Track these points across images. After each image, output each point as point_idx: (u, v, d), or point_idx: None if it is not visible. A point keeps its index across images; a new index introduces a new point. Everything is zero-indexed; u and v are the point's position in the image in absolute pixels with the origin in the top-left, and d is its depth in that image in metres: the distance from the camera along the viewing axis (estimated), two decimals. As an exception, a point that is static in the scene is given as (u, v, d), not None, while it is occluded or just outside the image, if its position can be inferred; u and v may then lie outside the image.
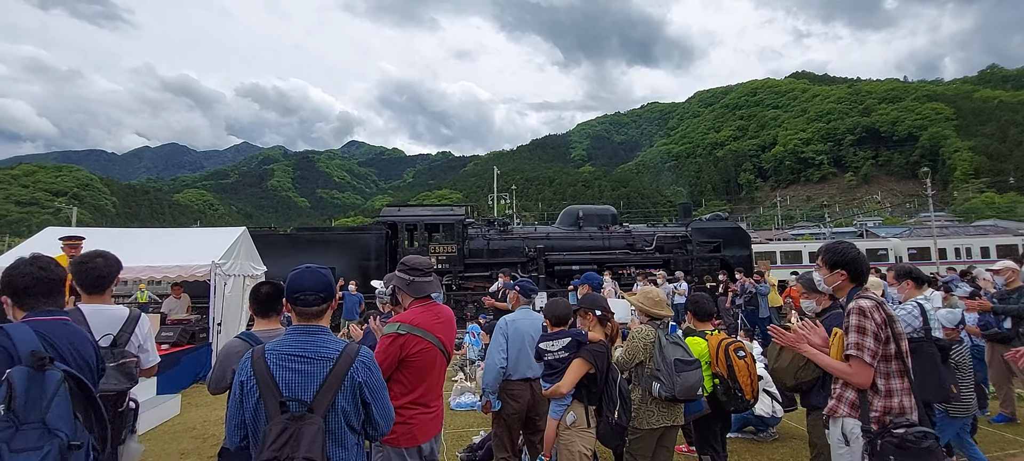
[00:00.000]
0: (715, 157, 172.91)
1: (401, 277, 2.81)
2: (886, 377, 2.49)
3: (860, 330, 2.49)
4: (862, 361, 2.46)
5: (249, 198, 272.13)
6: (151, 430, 5.91)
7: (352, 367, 1.99)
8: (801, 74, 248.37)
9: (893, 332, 2.52)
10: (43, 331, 2.02)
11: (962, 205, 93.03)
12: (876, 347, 2.47)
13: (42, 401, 1.87)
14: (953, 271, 11.49)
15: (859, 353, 2.47)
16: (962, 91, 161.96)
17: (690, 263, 17.11)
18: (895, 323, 2.55)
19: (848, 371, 2.52)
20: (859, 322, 2.50)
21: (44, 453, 1.81)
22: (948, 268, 12.53)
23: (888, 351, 2.50)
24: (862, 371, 2.48)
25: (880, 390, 2.49)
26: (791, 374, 3.46)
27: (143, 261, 8.35)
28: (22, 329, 1.97)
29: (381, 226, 15.99)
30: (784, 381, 3.58)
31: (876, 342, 2.47)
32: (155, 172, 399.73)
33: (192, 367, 8.34)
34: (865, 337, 2.47)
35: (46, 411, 1.86)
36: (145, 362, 2.75)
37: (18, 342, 1.91)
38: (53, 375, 1.94)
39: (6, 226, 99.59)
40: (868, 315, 2.50)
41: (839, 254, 2.75)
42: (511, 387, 3.62)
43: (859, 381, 2.49)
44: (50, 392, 1.89)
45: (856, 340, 2.49)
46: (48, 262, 2.19)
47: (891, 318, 2.54)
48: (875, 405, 2.46)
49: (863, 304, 2.54)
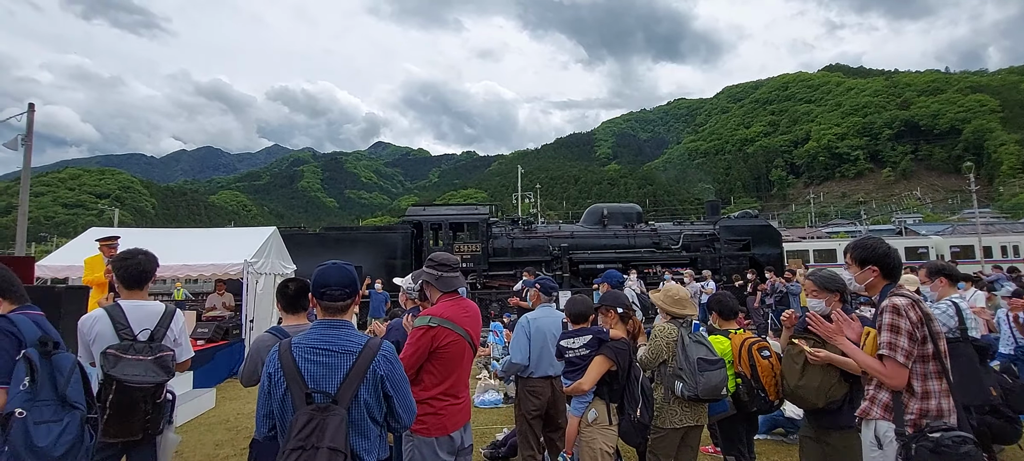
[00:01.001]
0: (745, 153, 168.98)
1: (430, 272, 2.88)
2: (923, 378, 2.38)
3: (894, 329, 2.38)
4: (895, 361, 2.36)
5: (280, 199, 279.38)
6: (188, 422, 6.15)
7: (374, 360, 2.04)
8: (835, 67, 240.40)
9: (930, 331, 2.41)
10: (38, 322, 2.26)
11: (1008, 201, 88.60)
12: (911, 347, 2.36)
13: (58, 380, 2.13)
14: (999, 270, 10.96)
15: (892, 353, 2.37)
16: (1008, 81, 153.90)
17: (718, 262, 16.78)
18: (932, 322, 2.43)
19: (882, 371, 2.41)
20: (893, 320, 2.39)
21: (64, 424, 2.07)
22: (994, 266, 11.96)
23: (925, 351, 2.39)
24: (896, 372, 2.37)
25: (916, 392, 2.38)
26: (822, 394, 2.96)
27: (180, 260, 8.68)
28: (23, 319, 2.20)
29: (407, 225, 16.21)
30: (813, 402, 3.01)
31: (911, 342, 2.36)
32: (191, 174, 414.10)
33: (226, 362, 8.63)
34: (899, 336, 2.37)
35: (66, 387, 2.12)
36: (180, 356, 2.87)
37: (23, 329, 2.14)
38: (67, 357, 2.23)
39: (53, 227, 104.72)
40: (903, 313, 2.39)
41: (868, 249, 2.65)
42: (532, 384, 3.64)
43: (893, 382, 2.39)
44: (67, 372, 2.16)
45: (889, 339, 2.38)
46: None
47: (928, 316, 2.43)
48: (911, 407, 2.36)
49: (897, 302, 2.44)
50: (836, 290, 3.10)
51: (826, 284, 3.12)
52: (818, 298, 3.18)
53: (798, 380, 3.06)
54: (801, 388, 3.04)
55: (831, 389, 2.96)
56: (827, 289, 3.12)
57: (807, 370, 3.02)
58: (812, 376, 3.00)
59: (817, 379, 2.97)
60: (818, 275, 3.25)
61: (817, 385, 2.97)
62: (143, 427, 2.62)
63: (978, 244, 28.99)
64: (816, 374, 2.98)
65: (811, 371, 3.01)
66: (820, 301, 3.17)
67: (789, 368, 3.16)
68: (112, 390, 2.52)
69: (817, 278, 3.23)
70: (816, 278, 3.25)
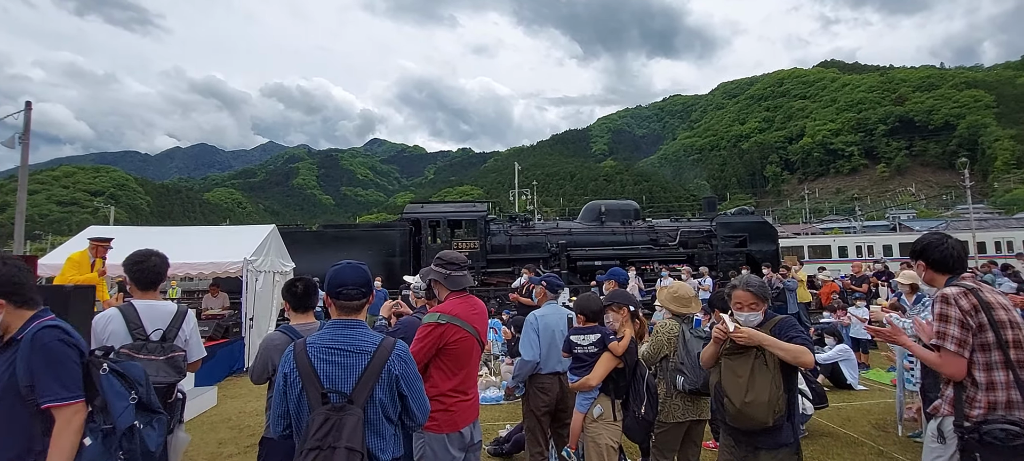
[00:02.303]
0: (740, 150, 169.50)
1: (439, 270, 2.92)
2: (986, 368, 2.32)
3: (943, 318, 2.40)
4: (948, 350, 2.36)
5: (276, 196, 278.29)
6: (190, 420, 6.16)
7: (389, 360, 2.06)
8: (830, 62, 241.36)
9: (991, 319, 2.34)
10: (68, 331, 2.05)
11: (1003, 196, 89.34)
12: (962, 335, 2.34)
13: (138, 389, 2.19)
14: (994, 265, 11.07)
15: (943, 342, 2.38)
16: (1003, 77, 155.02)
17: (715, 258, 16.86)
18: (993, 310, 2.36)
19: (938, 361, 2.42)
20: (942, 310, 2.41)
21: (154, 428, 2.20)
22: (990, 262, 12.08)
23: (985, 340, 2.33)
24: (950, 361, 2.36)
25: (980, 383, 2.31)
26: (772, 410, 2.57)
27: (179, 258, 8.66)
28: (71, 329, 2.05)
29: (405, 223, 16.20)
30: (763, 420, 2.58)
31: (962, 330, 2.34)
32: (186, 172, 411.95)
33: (227, 360, 8.64)
34: (948, 325, 2.37)
35: (148, 395, 2.22)
36: (191, 355, 2.89)
37: (79, 341, 2.03)
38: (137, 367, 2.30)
39: (48, 225, 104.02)
40: (951, 302, 2.39)
41: (920, 245, 2.71)
42: (541, 381, 3.68)
43: (950, 371, 2.38)
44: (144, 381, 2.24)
45: (940, 328, 2.40)
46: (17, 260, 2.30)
47: (987, 305, 2.36)
48: (978, 400, 2.30)
49: (947, 292, 2.45)
50: (765, 299, 2.85)
51: (761, 293, 2.82)
52: (748, 311, 2.81)
53: (745, 395, 2.60)
54: (749, 405, 2.58)
55: (779, 402, 2.58)
56: (762, 298, 2.82)
57: (753, 382, 2.60)
58: (760, 389, 2.58)
59: (766, 392, 2.57)
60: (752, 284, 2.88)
61: (767, 399, 2.56)
62: (155, 427, 2.65)
63: (972, 240, 29.23)
64: (764, 387, 2.58)
65: (759, 383, 2.59)
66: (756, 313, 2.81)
67: (732, 383, 2.67)
68: (124, 390, 2.54)
69: (755, 288, 2.84)
70: (754, 287, 2.85)
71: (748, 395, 2.60)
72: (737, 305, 2.85)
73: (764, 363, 2.62)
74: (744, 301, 2.82)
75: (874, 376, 8.09)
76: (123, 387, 2.05)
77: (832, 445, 5.12)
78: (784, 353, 2.55)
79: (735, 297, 2.87)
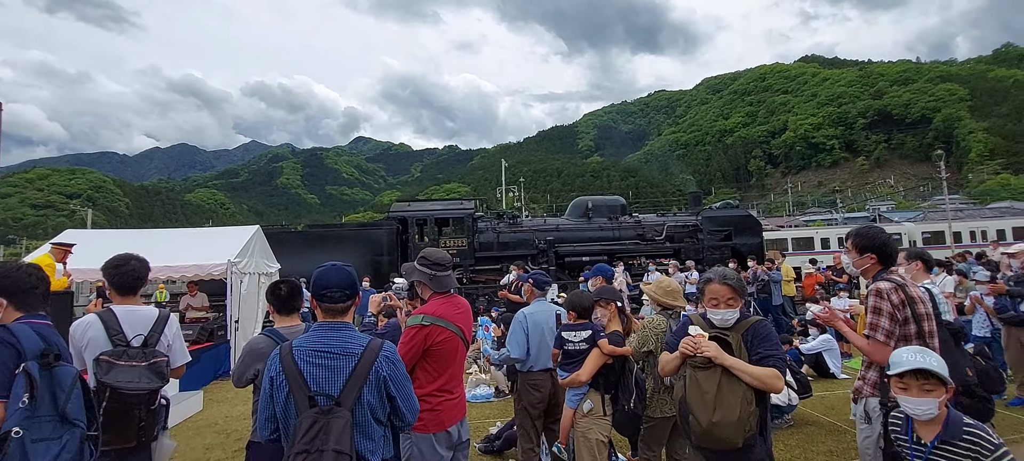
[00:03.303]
0: (724, 144, 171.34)
1: (423, 271, 2.89)
2: None
3: (876, 311, 2.62)
4: (877, 340, 2.59)
5: (259, 196, 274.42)
6: (175, 426, 6.06)
7: (376, 362, 2.05)
8: (811, 58, 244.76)
9: (914, 313, 2.62)
10: (42, 332, 2.13)
11: (977, 187, 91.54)
12: (891, 327, 2.59)
13: (58, 395, 2.01)
14: (969, 255, 11.36)
15: (874, 333, 2.60)
16: (977, 71, 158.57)
17: (701, 252, 17.05)
18: (916, 304, 2.65)
19: (867, 348, 2.66)
20: (875, 303, 2.63)
21: (63, 443, 1.97)
22: (964, 252, 12.41)
23: (908, 331, 2.60)
24: (877, 349, 2.60)
25: None
26: (742, 429, 2.28)
27: (161, 261, 8.50)
28: (24, 329, 2.08)
29: (392, 222, 16.11)
30: (732, 440, 2.29)
31: (892, 322, 2.59)
32: (166, 172, 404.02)
33: (212, 364, 8.51)
34: (880, 317, 2.60)
35: (66, 403, 2.01)
36: (174, 361, 2.83)
37: (23, 340, 2.02)
38: (68, 370, 2.11)
39: (22, 229, 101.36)
40: (884, 296, 2.62)
41: (868, 238, 2.86)
42: (533, 378, 3.70)
43: (876, 358, 2.62)
44: (68, 386, 2.04)
45: (872, 320, 2.63)
46: (40, 269, 2.36)
47: (911, 299, 2.64)
48: None
49: (880, 286, 2.67)
50: (743, 293, 2.59)
51: (740, 287, 2.57)
52: (733, 306, 2.54)
53: (712, 415, 2.29)
54: (718, 426, 2.27)
55: (750, 420, 2.29)
56: (741, 293, 2.56)
57: (722, 399, 2.29)
58: (730, 406, 2.28)
59: (736, 409, 2.27)
60: (729, 277, 2.62)
61: (737, 418, 2.26)
62: (138, 434, 2.59)
63: (948, 230, 29.93)
64: (734, 403, 2.27)
65: (728, 399, 2.29)
66: (734, 310, 2.54)
67: (698, 400, 2.35)
68: (106, 397, 2.48)
69: (733, 281, 2.58)
70: (731, 281, 2.58)
71: (716, 414, 2.28)
72: (711, 301, 2.51)
73: (734, 376, 2.32)
74: (721, 296, 2.48)
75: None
76: (23, 390, 1.94)
77: (816, 433, 5.22)
78: (751, 379, 2.28)
79: (709, 292, 2.52)
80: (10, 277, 2.18)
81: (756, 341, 2.40)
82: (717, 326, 2.49)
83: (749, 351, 2.39)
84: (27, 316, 2.17)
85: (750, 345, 2.40)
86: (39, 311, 2.24)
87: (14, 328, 2.01)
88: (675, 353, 2.52)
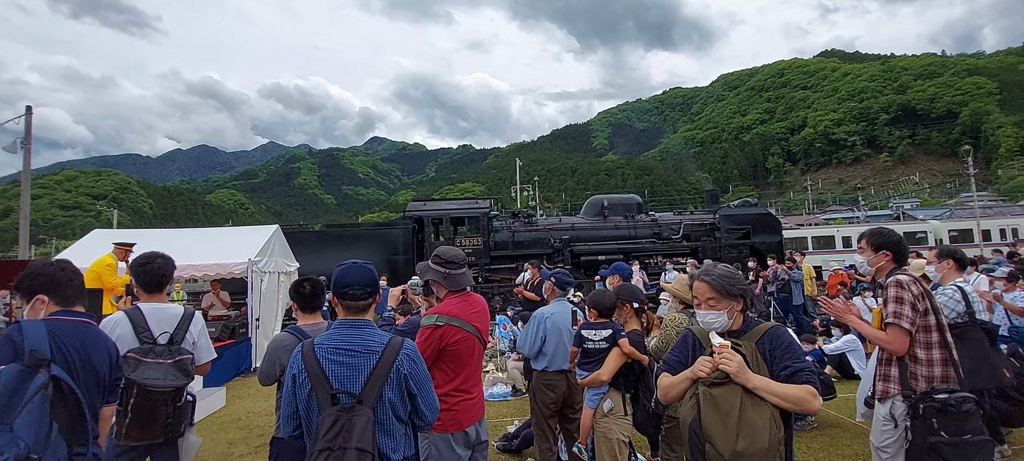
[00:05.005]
0: (741, 141, 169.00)
1: (437, 270, 2.87)
2: (926, 347, 2.65)
3: (898, 300, 2.66)
4: (899, 328, 2.63)
5: (277, 196, 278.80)
6: (199, 421, 6.16)
7: (397, 359, 2.04)
8: (831, 52, 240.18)
9: (932, 305, 2.68)
10: (57, 331, 2.03)
11: (1007, 183, 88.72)
12: (913, 316, 2.63)
13: (19, 405, 1.79)
14: (999, 253, 11.02)
15: (897, 320, 2.64)
16: (1006, 63, 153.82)
17: (719, 251, 16.83)
18: (932, 297, 2.72)
19: (885, 338, 2.69)
20: (897, 293, 2.68)
21: (3, 458, 1.73)
22: (994, 250, 12.03)
23: (928, 322, 2.66)
24: (898, 337, 2.64)
25: (921, 359, 2.64)
26: (775, 454, 1.88)
27: (183, 260, 8.66)
28: (36, 326, 1.99)
29: (408, 221, 16.21)
30: None
31: (913, 311, 2.64)
32: (188, 173, 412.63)
33: (234, 361, 8.65)
34: (903, 306, 2.64)
35: (17, 415, 1.77)
36: (200, 358, 2.88)
37: (28, 337, 1.91)
38: (37, 379, 1.85)
39: (52, 229, 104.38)
40: (905, 287, 2.67)
41: (884, 236, 2.92)
42: (548, 377, 3.68)
43: (895, 347, 2.66)
44: (27, 396, 1.81)
45: (894, 309, 2.66)
46: (71, 264, 2.34)
47: (928, 292, 2.71)
48: (919, 375, 2.63)
49: (901, 277, 2.73)
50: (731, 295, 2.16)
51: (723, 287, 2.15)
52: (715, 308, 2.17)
53: (736, 441, 1.85)
54: (744, 455, 1.83)
55: (780, 446, 1.88)
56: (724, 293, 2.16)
57: (747, 422, 1.87)
58: (757, 431, 1.85)
59: (765, 435, 1.85)
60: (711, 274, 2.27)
61: (766, 445, 1.84)
62: (164, 430, 2.64)
63: (977, 227, 29.08)
64: (762, 426, 1.86)
65: (754, 422, 1.86)
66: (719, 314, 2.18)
67: (717, 424, 1.90)
68: (133, 394, 2.53)
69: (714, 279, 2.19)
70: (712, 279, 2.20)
71: (741, 441, 1.84)
72: (696, 301, 2.20)
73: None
74: (701, 296, 2.13)
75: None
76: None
77: (841, 436, 5.10)
78: (784, 401, 1.90)
79: (693, 290, 2.22)
80: (45, 274, 2.19)
81: (778, 352, 2.02)
82: (717, 332, 2.12)
83: (769, 364, 1.99)
84: (63, 311, 2.17)
85: (770, 357, 2.01)
86: (76, 306, 2.23)
87: (25, 325, 1.97)
88: (680, 375, 2.07)
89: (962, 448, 2.39)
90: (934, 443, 2.44)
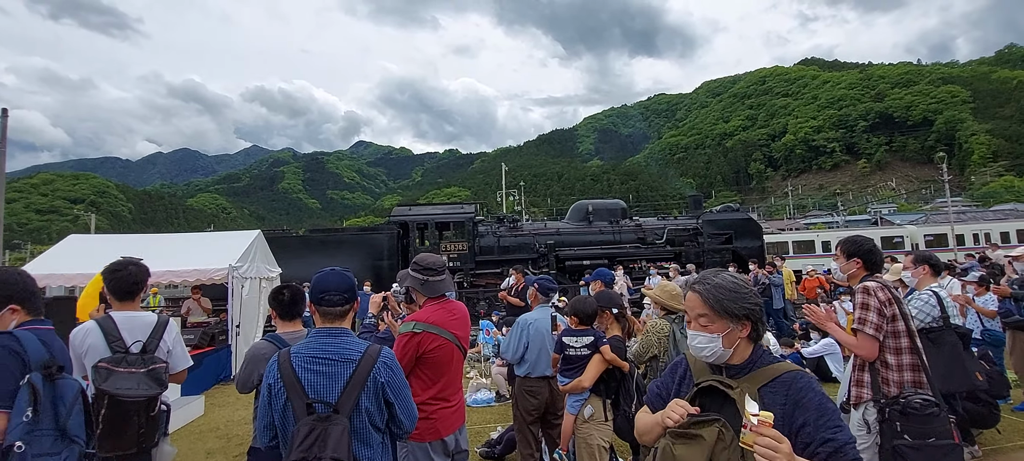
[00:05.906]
0: (724, 147, 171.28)
1: (416, 277, 2.85)
2: (896, 353, 2.71)
3: (864, 306, 2.73)
4: (866, 333, 2.70)
5: (260, 201, 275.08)
6: (177, 430, 6.04)
7: (374, 368, 2.03)
8: (811, 61, 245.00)
9: (901, 310, 2.74)
10: (45, 340, 2.11)
11: (980, 190, 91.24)
12: (879, 321, 2.70)
13: (60, 409, 1.97)
14: (971, 257, 11.32)
15: (862, 327, 2.71)
16: (978, 72, 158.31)
17: (701, 255, 17.00)
18: (901, 304, 2.77)
19: (855, 343, 2.76)
20: (863, 299, 2.75)
21: (62, 459, 1.93)
22: (966, 255, 12.36)
23: (896, 328, 2.72)
24: (866, 343, 2.71)
25: (891, 365, 2.70)
26: None
27: (163, 266, 8.50)
28: (30, 337, 2.03)
29: (393, 226, 16.11)
30: None
31: (879, 317, 2.70)
32: (168, 177, 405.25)
33: (213, 368, 8.49)
34: (868, 312, 2.71)
35: (67, 418, 1.96)
36: (175, 366, 2.82)
37: (29, 349, 1.97)
38: (72, 384, 2.05)
39: (27, 234, 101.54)
40: (871, 293, 2.74)
41: (856, 244, 2.99)
42: (530, 384, 3.68)
43: (865, 352, 2.72)
44: (70, 400, 1.99)
45: (861, 315, 2.74)
46: (26, 274, 2.35)
47: (896, 299, 2.77)
48: (889, 379, 2.68)
49: (868, 284, 2.80)
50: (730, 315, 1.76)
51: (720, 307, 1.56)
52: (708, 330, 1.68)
53: None
54: None
55: None
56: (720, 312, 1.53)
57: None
58: None
59: None
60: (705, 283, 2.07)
61: None
62: (137, 441, 2.58)
63: (951, 233, 29.84)
64: None
65: None
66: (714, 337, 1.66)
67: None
68: (104, 405, 2.47)
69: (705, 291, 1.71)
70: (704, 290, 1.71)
71: None
72: (687, 319, 1.70)
73: (729, 443, 1.35)
74: (691, 310, 1.63)
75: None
76: (27, 403, 1.89)
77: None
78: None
79: (685, 303, 1.70)
80: (19, 283, 2.20)
81: (803, 412, 1.38)
82: (709, 362, 1.58)
83: (785, 427, 1.35)
84: (33, 321, 2.18)
85: (790, 419, 1.38)
86: (41, 316, 2.24)
87: (20, 336, 1.97)
88: (654, 417, 1.57)
89: (926, 451, 2.43)
90: (897, 446, 2.48)
